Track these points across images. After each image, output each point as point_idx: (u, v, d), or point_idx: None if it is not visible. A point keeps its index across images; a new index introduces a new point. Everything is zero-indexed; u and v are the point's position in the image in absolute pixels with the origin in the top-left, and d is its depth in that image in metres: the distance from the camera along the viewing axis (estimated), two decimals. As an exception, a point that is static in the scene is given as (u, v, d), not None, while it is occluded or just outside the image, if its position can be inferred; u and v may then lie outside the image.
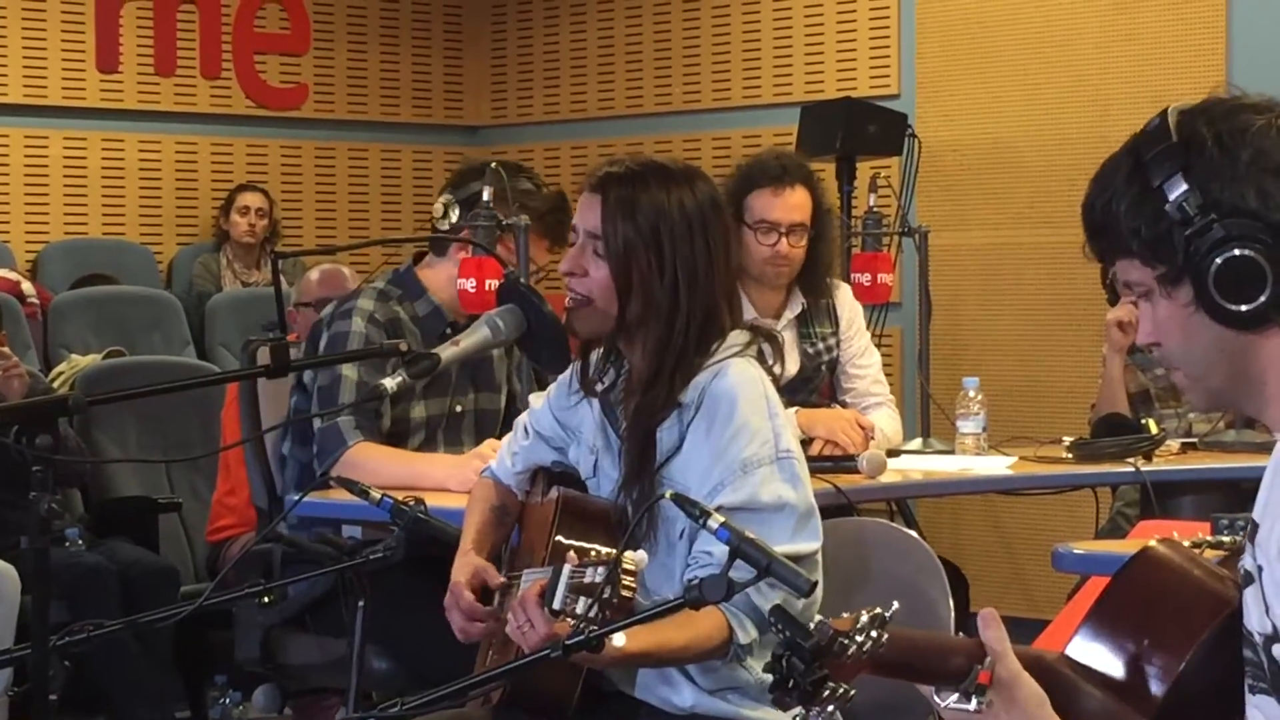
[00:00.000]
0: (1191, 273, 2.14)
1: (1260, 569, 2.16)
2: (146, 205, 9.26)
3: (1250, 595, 2.20)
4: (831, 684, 2.10)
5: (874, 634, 2.11)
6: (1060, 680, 2.26)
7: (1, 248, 8.67)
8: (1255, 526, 2.20)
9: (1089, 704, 2.26)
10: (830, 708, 2.11)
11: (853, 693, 2.11)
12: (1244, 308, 2.12)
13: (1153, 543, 2.44)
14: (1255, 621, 2.18)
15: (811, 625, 2.13)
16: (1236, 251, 2.11)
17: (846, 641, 2.10)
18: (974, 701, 2.17)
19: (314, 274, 6.40)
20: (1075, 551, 3.99)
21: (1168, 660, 2.26)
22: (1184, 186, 2.13)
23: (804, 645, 2.11)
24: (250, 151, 9.56)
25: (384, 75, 9.98)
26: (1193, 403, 2.26)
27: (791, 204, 5.02)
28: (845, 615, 2.15)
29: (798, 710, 2.11)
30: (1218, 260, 2.11)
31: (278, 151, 9.66)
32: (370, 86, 9.94)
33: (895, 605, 2.15)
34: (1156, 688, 2.25)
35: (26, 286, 8.16)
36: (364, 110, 9.93)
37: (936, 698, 2.22)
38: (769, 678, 2.14)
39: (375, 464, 4.33)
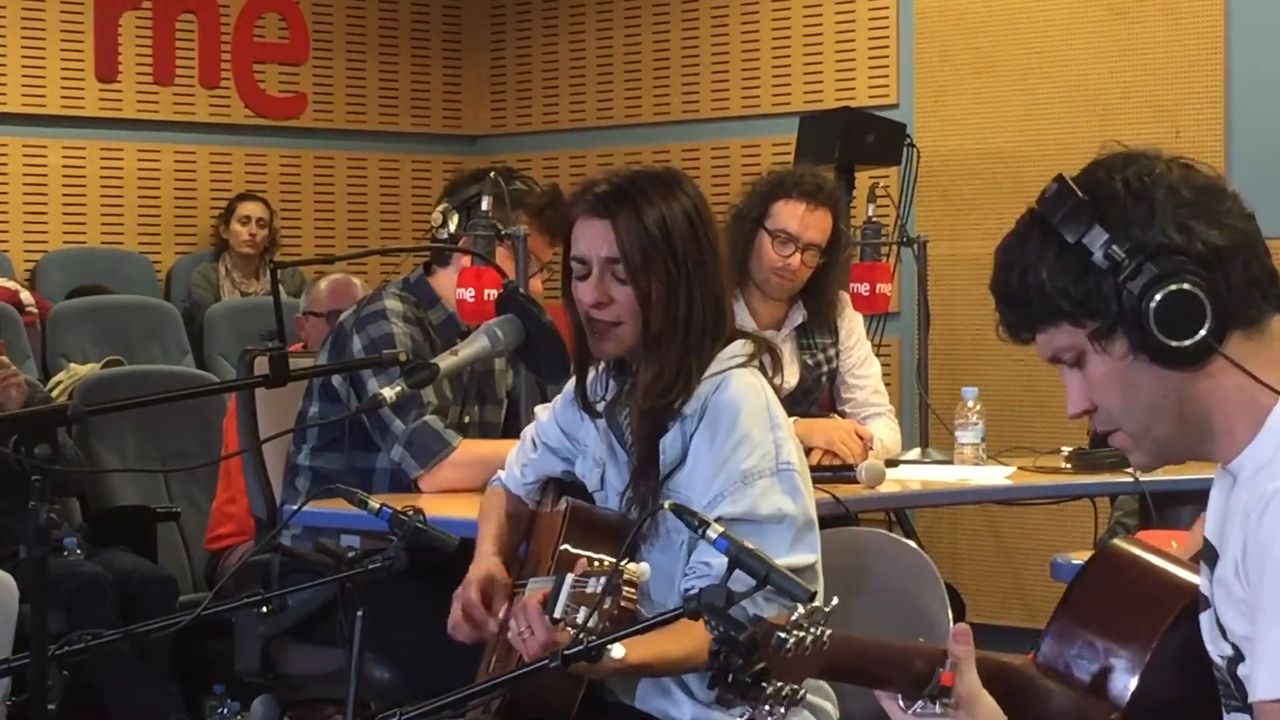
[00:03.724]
0: (1128, 320, 2.15)
1: (1215, 591, 2.17)
2: (145, 215, 9.26)
3: (1206, 619, 2.20)
4: (777, 682, 2.10)
5: (814, 629, 2.10)
6: (1029, 684, 2.27)
7: (0, 257, 8.67)
8: (1213, 552, 2.20)
9: (1060, 703, 2.27)
10: (781, 709, 2.10)
11: (801, 693, 2.11)
12: (1187, 343, 2.13)
13: (1114, 540, 2.45)
14: (1213, 646, 2.19)
15: (746, 620, 2.13)
16: (1173, 287, 2.12)
17: (784, 636, 2.09)
18: (939, 704, 2.18)
19: (324, 284, 6.41)
20: (1074, 561, 4.00)
21: (1135, 652, 2.28)
22: (1105, 236, 2.15)
23: (738, 639, 2.11)
24: (249, 161, 9.56)
25: (383, 85, 9.99)
26: (1139, 462, 2.26)
27: (815, 223, 5.07)
28: (783, 610, 2.16)
29: (744, 710, 2.11)
30: (1155, 299, 2.12)
31: (276, 161, 9.66)
32: (369, 96, 9.95)
33: (835, 600, 2.16)
34: (1126, 680, 2.26)
35: (25, 295, 8.16)
36: (363, 120, 9.93)
37: (899, 705, 2.22)
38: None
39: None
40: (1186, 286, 2.12)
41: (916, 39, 8.38)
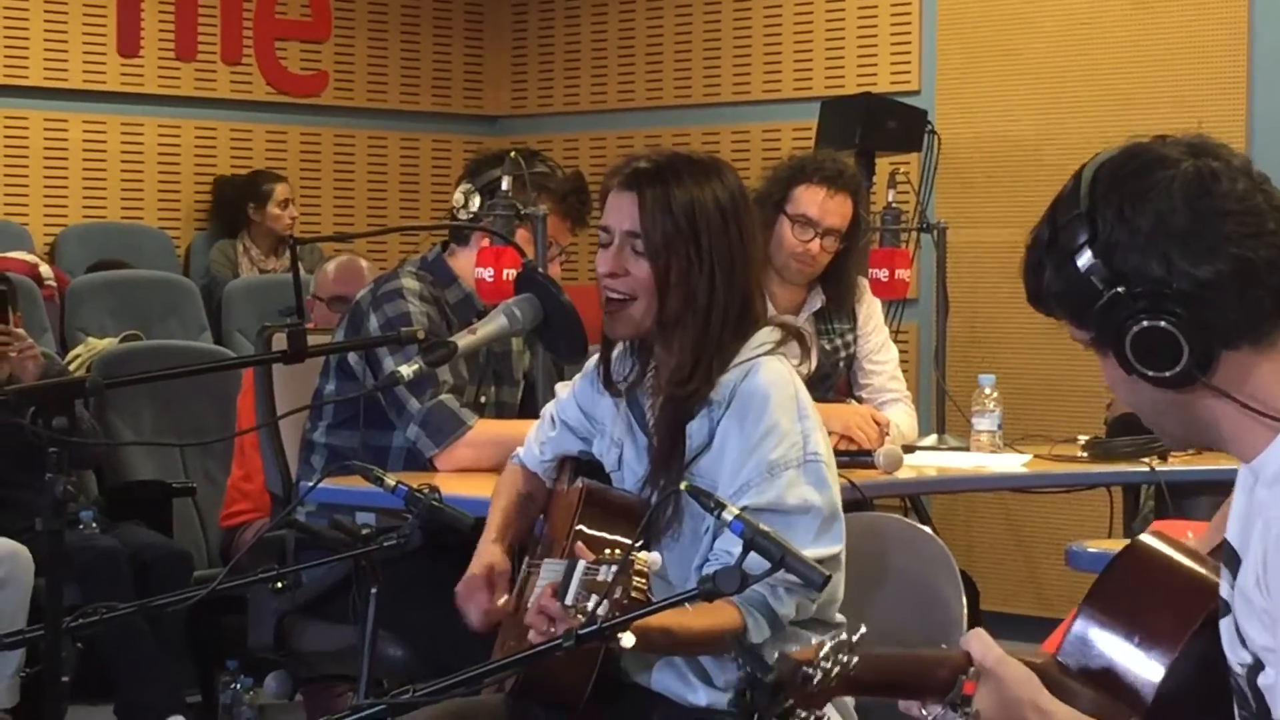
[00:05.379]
0: (1111, 342, 2.14)
1: (1236, 600, 2.16)
2: (165, 190, 9.26)
3: (1225, 625, 2.19)
4: (800, 713, 2.10)
5: (841, 658, 2.10)
6: (1050, 681, 2.26)
7: (20, 230, 8.68)
8: (1235, 556, 2.18)
9: (1082, 702, 2.25)
10: None
11: (824, 716, 2.11)
12: (1166, 373, 2.12)
13: (1142, 536, 2.44)
14: (1232, 654, 2.18)
15: (773, 659, 2.12)
16: (1146, 323, 2.10)
17: (811, 671, 2.09)
18: (960, 713, 2.17)
19: (330, 268, 6.38)
20: (1089, 550, 3.99)
21: (1161, 653, 2.26)
22: (1091, 258, 2.13)
23: (764, 680, 2.10)
24: (269, 138, 9.56)
25: (404, 63, 9.98)
26: (1164, 442, 2.26)
27: (835, 209, 5.06)
28: (813, 642, 2.16)
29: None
30: (1131, 331, 2.11)
31: (297, 138, 9.66)
32: (390, 75, 9.94)
33: (863, 629, 2.15)
34: (1150, 681, 2.25)
35: (44, 269, 8.17)
36: (384, 98, 9.93)
37: (922, 713, 2.22)
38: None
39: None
40: (1161, 324, 2.09)
41: (939, 25, 8.36)
